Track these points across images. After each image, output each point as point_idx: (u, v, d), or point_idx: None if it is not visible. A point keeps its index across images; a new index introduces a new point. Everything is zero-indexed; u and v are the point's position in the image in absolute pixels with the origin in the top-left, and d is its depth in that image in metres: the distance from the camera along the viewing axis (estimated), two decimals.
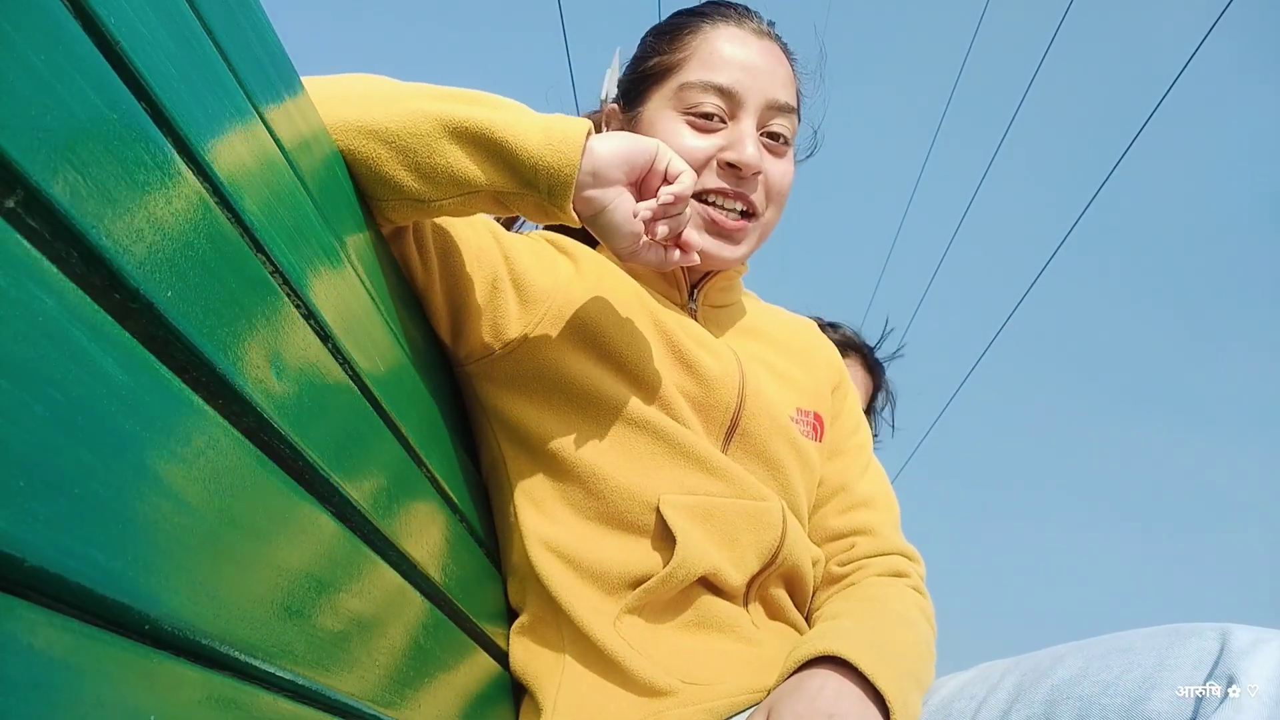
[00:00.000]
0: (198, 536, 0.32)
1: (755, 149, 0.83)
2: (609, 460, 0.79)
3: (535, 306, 0.81)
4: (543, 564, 0.78)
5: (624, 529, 0.79)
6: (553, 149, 0.64)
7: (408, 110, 0.65)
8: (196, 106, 0.36)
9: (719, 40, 0.86)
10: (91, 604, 0.26)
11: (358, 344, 0.53)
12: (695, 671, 0.74)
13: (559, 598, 0.76)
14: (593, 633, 0.74)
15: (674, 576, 0.75)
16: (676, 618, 0.78)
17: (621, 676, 0.73)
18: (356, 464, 0.50)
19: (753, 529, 0.80)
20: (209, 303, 0.34)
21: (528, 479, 0.81)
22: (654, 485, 0.78)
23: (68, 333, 0.26)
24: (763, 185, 0.86)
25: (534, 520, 0.80)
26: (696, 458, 0.80)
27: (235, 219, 0.38)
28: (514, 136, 0.64)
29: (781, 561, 0.82)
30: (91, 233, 0.27)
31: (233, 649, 0.34)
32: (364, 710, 0.47)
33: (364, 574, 0.49)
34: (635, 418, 0.80)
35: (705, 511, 0.79)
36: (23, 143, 0.24)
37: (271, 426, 0.39)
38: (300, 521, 0.41)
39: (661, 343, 0.84)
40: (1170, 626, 0.66)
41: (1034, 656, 0.75)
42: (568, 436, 0.80)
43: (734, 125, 0.85)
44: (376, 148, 0.64)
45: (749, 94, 0.84)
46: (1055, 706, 0.66)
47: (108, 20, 0.30)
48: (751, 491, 0.81)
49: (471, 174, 0.65)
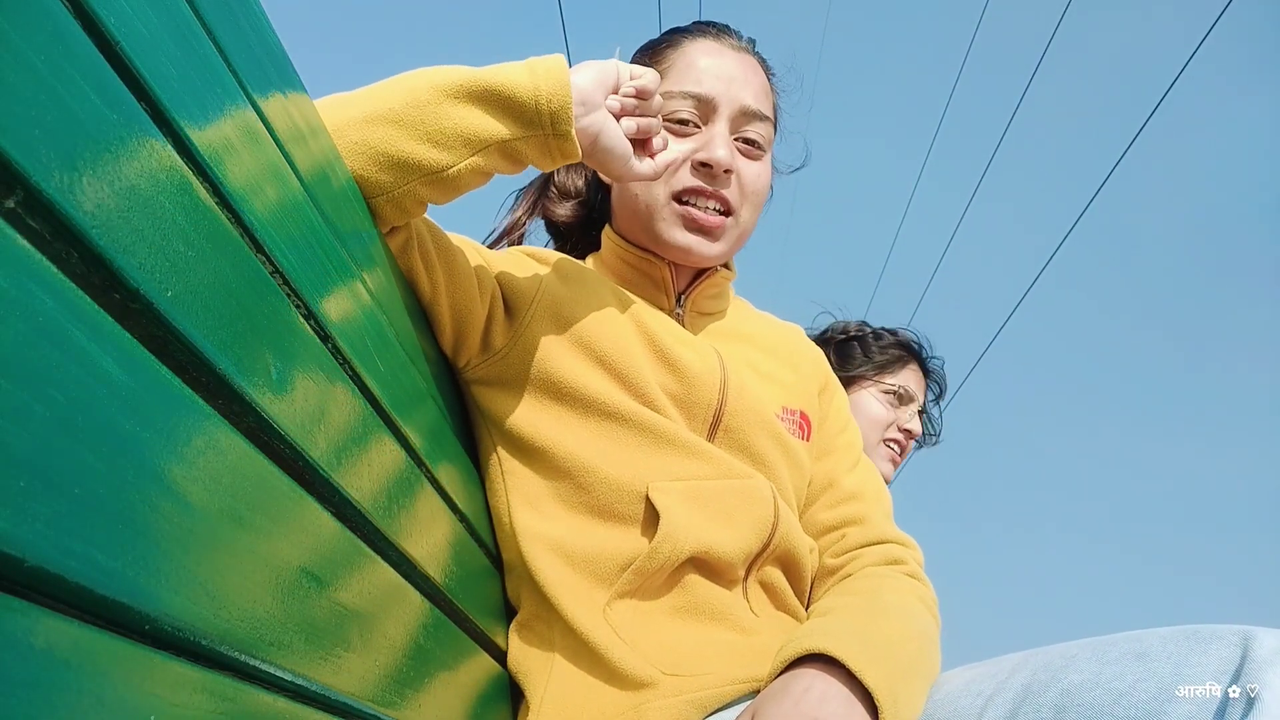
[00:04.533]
0: (198, 536, 0.32)
1: (726, 150, 0.88)
2: (597, 454, 0.81)
3: (521, 312, 0.85)
4: (536, 559, 0.79)
5: (615, 519, 0.80)
6: (545, 80, 0.69)
7: (404, 89, 0.69)
8: (196, 106, 0.36)
9: (695, 53, 0.92)
10: (91, 604, 0.26)
11: (358, 344, 0.54)
12: (681, 662, 0.74)
13: (550, 592, 0.77)
14: (580, 626, 0.75)
15: (659, 552, 0.76)
16: (668, 604, 0.79)
17: (605, 670, 0.73)
18: (357, 464, 0.50)
19: (746, 505, 0.81)
20: (209, 303, 0.34)
21: (521, 478, 0.84)
22: (642, 475, 0.80)
23: (68, 333, 0.26)
24: (737, 185, 0.90)
25: (528, 518, 0.81)
26: (682, 445, 0.82)
27: (235, 219, 0.38)
28: (506, 81, 0.69)
29: (778, 542, 0.83)
30: (91, 233, 0.27)
31: (233, 649, 0.34)
32: (364, 710, 0.47)
33: (364, 574, 0.49)
34: (620, 413, 0.82)
35: (694, 493, 0.80)
36: (23, 143, 0.24)
37: (272, 426, 0.39)
38: (301, 521, 0.41)
39: (642, 341, 0.87)
40: (1188, 629, 0.64)
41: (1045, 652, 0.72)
42: (557, 434, 0.82)
43: (707, 129, 0.90)
44: (388, 130, 0.67)
45: (721, 100, 0.89)
46: (1065, 713, 0.64)
47: (108, 20, 0.30)
48: (737, 471, 0.83)
49: (480, 128, 0.69)
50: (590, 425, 0.82)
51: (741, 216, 0.92)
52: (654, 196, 0.90)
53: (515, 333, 0.84)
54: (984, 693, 0.74)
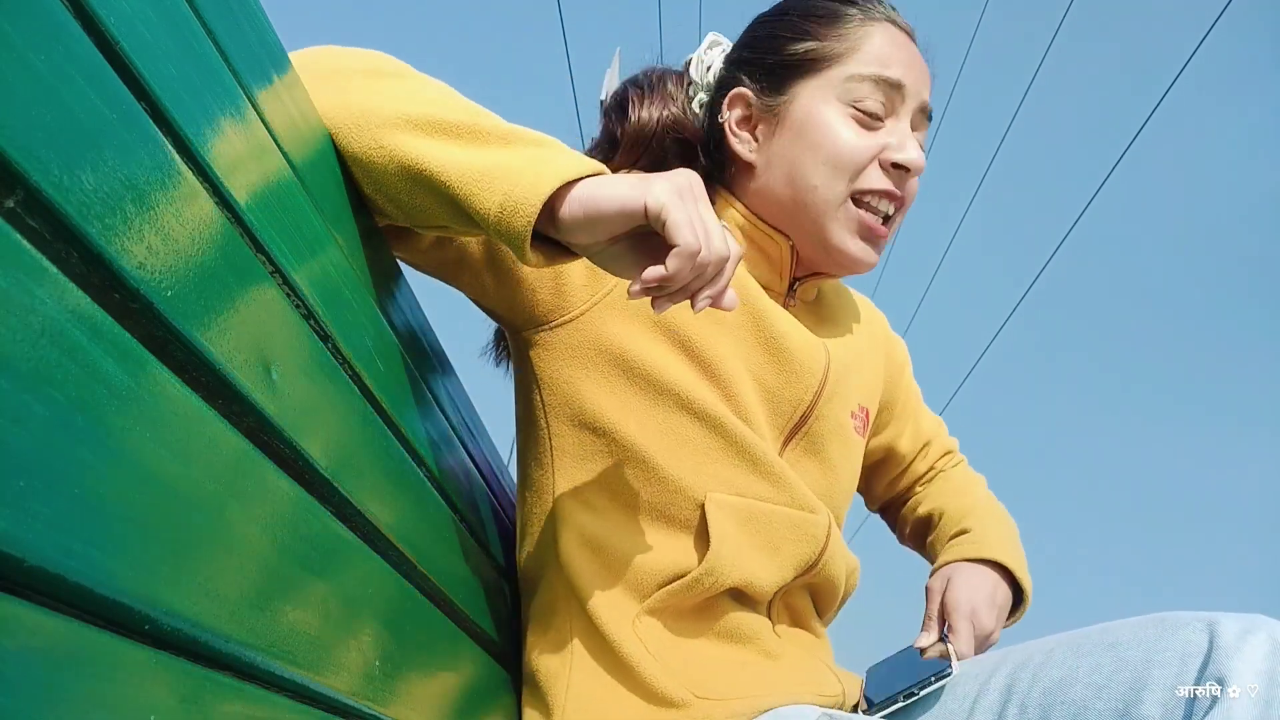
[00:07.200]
0: (198, 536, 0.32)
1: (919, 151, 0.80)
2: (661, 448, 0.75)
3: (603, 276, 0.76)
4: (570, 552, 0.75)
5: (664, 522, 0.76)
6: (504, 221, 0.55)
7: (374, 142, 0.59)
8: (196, 106, 0.36)
9: (886, 35, 0.81)
10: (91, 604, 0.26)
11: (358, 344, 0.54)
12: (711, 684, 0.72)
13: (579, 589, 0.74)
14: (609, 633, 0.72)
15: (700, 584, 0.73)
16: (696, 624, 0.76)
17: (633, 681, 0.71)
18: (357, 464, 0.50)
19: (795, 539, 0.78)
20: (209, 303, 0.34)
21: (571, 458, 0.78)
22: (704, 481, 0.75)
23: (68, 333, 0.26)
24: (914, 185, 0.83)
25: (569, 504, 0.77)
26: (751, 457, 0.77)
27: (235, 219, 0.38)
28: (470, 195, 0.56)
29: (814, 576, 0.81)
30: (91, 233, 0.27)
31: (233, 648, 0.34)
32: (365, 710, 0.47)
33: (364, 574, 0.49)
34: (695, 406, 0.76)
35: (750, 515, 0.76)
36: (23, 143, 0.24)
37: (272, 426, 0.39)
38: (301, 522, 0.41)
39: (749, 323, 0.79)
40: (1156, 616, 0.68)
41: (1024, 649, 0.77)
42: (621, 417, 0.76)
43: (893, 123, 0.81)
44: (355, 171, 0.60)
45: (910, 95, 0.81)
46: (1050, 711, 0.68)
47: (108, 20, 0.30)
48: (801, 501, 0.78)
49: (436, 218, 0.61)
50: (659, 414, 0.76)
51: (895, 223, 0.83)
52: (833, 191, 0.79)
53: (596, 294, 0.76)
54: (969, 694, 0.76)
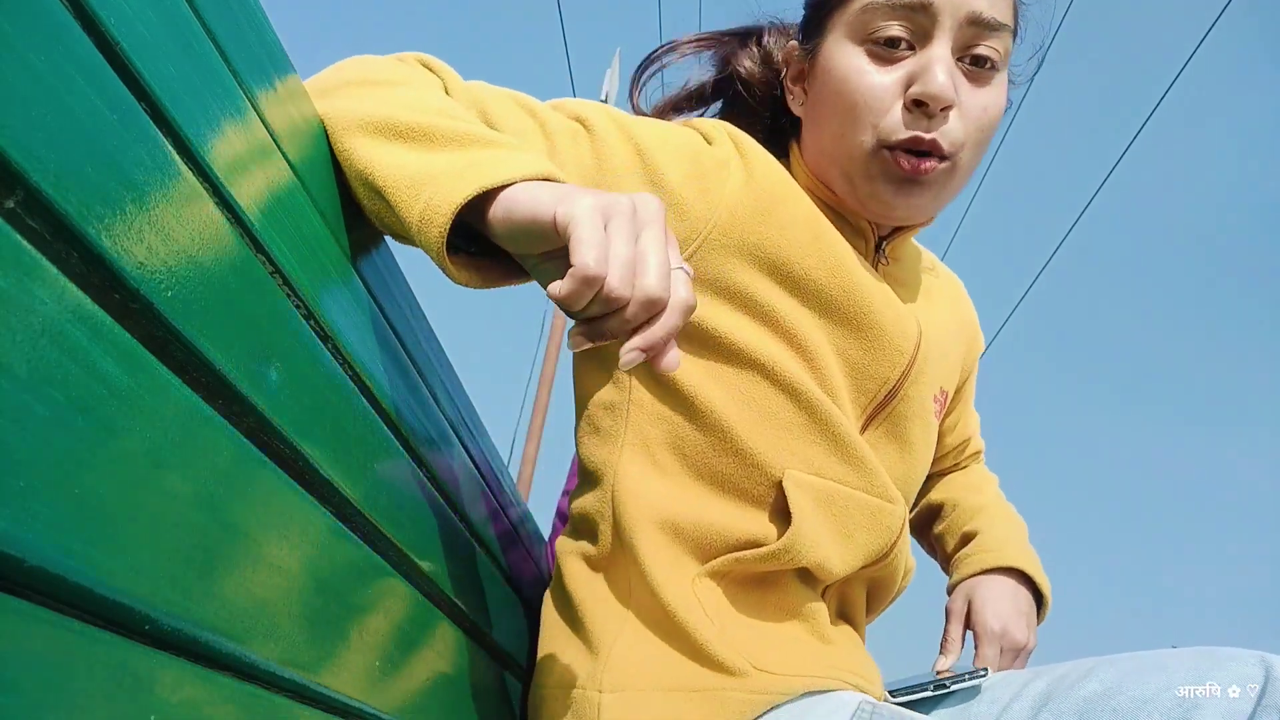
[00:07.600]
0: (198, 537, 0.32)
1: (947, 76, 0.68)
2: (744, 418, 0.72)
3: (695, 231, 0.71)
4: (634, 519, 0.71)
5: (736, 495, 0.72)
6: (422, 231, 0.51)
7: (338, 146, 0.57)
8: (196, 106, 0.36)
9: None
10: (92, 604, 0.26)
11: (358, 344, 0.53)
12: (768, 657, 0.68)
13: (640, 555, 0.70)
14: (666, 596, 0.68)
15: (777, 557, 0.70)
16: (757, 595, 0.73)
17: (689, 647, 0.67)
18: (357, 465, 0.50)
19: (870, 528, 0.74)
20: (209, 303, 0.34)
21: (648, 415, 0.74)
22: (783, 457, 0.72)
23: (68, 333, 0.26)
24: (958, 122, 0.70)
25: (637, 458, 0.74)
26: (834, 437, 0.73)
27: (235, 219, 0.38)
28: (398, 202, 0.53)
29: (883, 566, 0.78)
30: (91, 233, 0.27)
31: (233, 649, 0.34)
32: (364, 710, 0.47)
33: (364, 574, 0.49)
34: (781, 377, 0.72)
35: (829, 498, 0.72)
36: (23, 143, 0.24)
37: (272, 427, 0.39)
38: (300, 522, 0.41)
39: (838, 292, 0.73)
40: (1204, 649, 0.65)
41: (1059, 667, 0.74)
42: (707, 381, 0.73)
43: (924, 51, 0.70)
44: None
45: (943, 9, 0.69)
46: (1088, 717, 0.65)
47: (108, 20, 0.30)
48: (880, 489, 0.74)
49: (395, 227, 0.56)
50: (745, 382, 0.72)
51: (961, 160, 0.72)
52: (855, 143, 0.72)
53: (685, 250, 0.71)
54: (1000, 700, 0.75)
